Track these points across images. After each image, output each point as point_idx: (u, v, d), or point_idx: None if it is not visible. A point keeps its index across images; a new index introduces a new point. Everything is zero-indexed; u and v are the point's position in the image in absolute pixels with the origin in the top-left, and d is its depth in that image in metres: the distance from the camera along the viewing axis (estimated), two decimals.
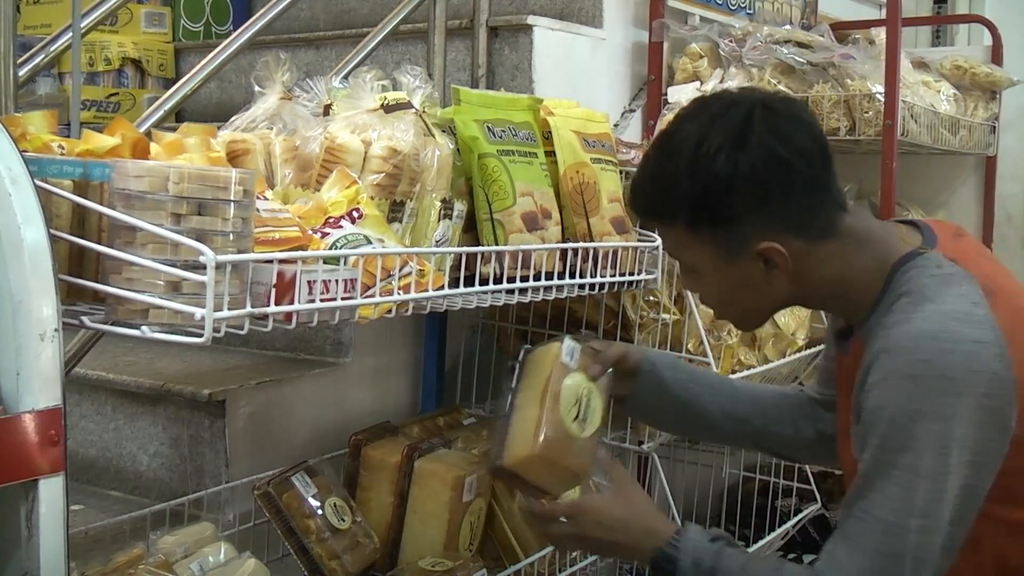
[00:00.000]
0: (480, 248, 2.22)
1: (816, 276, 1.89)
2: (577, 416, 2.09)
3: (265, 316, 1.67)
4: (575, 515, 2.02)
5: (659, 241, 2.69)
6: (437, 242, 2.10)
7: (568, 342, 2.17)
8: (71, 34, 2.65)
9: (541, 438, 2.01)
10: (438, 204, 2.11)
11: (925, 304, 1.76)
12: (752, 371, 3.04)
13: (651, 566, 1.96)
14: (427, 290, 1.98)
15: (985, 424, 1.71)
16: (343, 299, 1.78)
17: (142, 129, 2.31)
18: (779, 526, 3.65)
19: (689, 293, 2.88)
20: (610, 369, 2.21)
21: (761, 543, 3.55)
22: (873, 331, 1.82)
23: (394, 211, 2.06)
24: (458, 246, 2.18)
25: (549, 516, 2.04)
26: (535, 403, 2.07)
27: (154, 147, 1.85)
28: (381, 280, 1.87)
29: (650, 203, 1.97)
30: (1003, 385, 1.71)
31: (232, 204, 1.61)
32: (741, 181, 1.82)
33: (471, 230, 2.30)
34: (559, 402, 2.06)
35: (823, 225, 1.88)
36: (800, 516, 3.71)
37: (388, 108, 2.11)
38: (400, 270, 1.91)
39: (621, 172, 2.71)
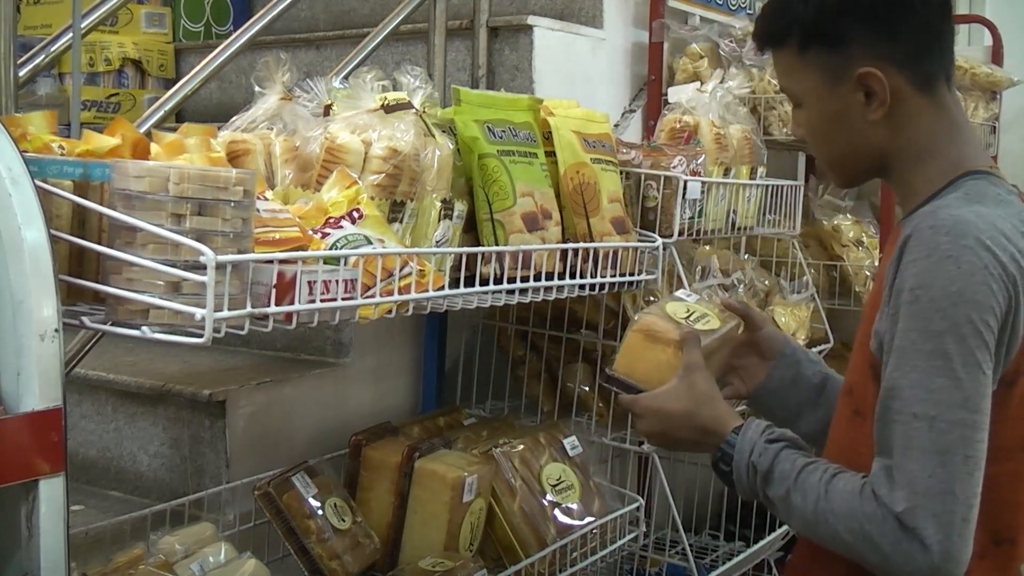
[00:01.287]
0: (480, 248, 2.22)
1: (911, 131, 1.86)
2: (687, 316, 2.11)
3: (265, 316, 1.67)
4: (642, 413, 2.02)
5: (659, 241, 2.69)
6: (437, 242, 2.10)
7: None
8: (71, 34, 2.65)
9: (639, 316, 2.08)
10: (438, 204, 2.11)
11: (978, 205, 1.73)
12: None
13: (712, 465, 1.97)
14: (427, 290, 1.98)
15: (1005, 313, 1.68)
16: (343, 299, 1.78)
17: (142, 129, 2.31)
18: (780, 526, 3.65)
19: None
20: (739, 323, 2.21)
21: (762, 543, 3.56)
22: (916, 220, 1.76)
23: (394, 211, 2.06)
24: (458, 246, 2.18)
25: (634, 412, 2.05)
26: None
27: (154, 147, 1.85)
28: (381, 280, 1.87)
29: (767, 24, 1.95)
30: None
31: (232, 204, 1.61)
32: (854, 2, 1.83)
33: (471, 230, 2.30)
34: (667, 302, 2.13)
35: (927, 74, 1.85)
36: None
37: (388, 108, 2.11)
38: (400, 270, 1.91)
39: (621, 172, 2.72)
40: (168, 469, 2.65)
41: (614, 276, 2.54)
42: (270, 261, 1.66)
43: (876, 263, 4.11)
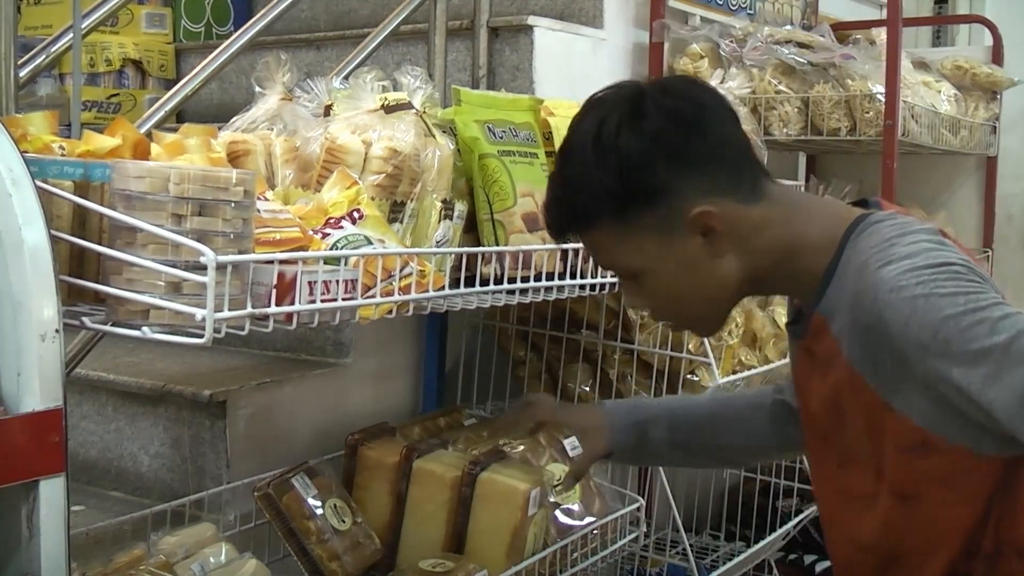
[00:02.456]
0: (481, 248, 2.22)
1: (758, 245, 1.78)
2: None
3: (266, 317, 1.67)
4: None
5: None
6: (438, 242, 2.10)
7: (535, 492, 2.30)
8: (72, 35, 2.65)
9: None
10: (439, 205, 2.11)
11: (894, 248, 1.64)
12: (753, 371, 3.04)
13: None
14: (428, 290, 1.98)
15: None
16: (344, 300, 1.78)
17: (143, 130, 2.31)
18: (780, 527, 3.65)
19: None
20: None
21: (762, 544, 3.56)
22: (840, 296, 1.70)
23: (395, 212, 2.06)
24: (459, 247, 2.18)
25: None
26: None
27: (155, 148, 1.85)
28: (382, 280, 1.87)
29: (565, 212, 1.83)
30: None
31: (233, 205, 1.61)
32: (651, 149, 1.72)
33: (472, 230, 2.30)
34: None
35: (750, 185, 1.78)
36: (801, 516, 3.71)
37: (389, 109, 2.11)
38: (401, 271, 1.91)
39: None
40: (169, 469, 2.65)
41: (615, 276, 2.54)
42: (271, 261, 1.66)
43: None
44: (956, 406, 1.61)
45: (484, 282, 2.19)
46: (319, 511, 2.25)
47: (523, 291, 2.29)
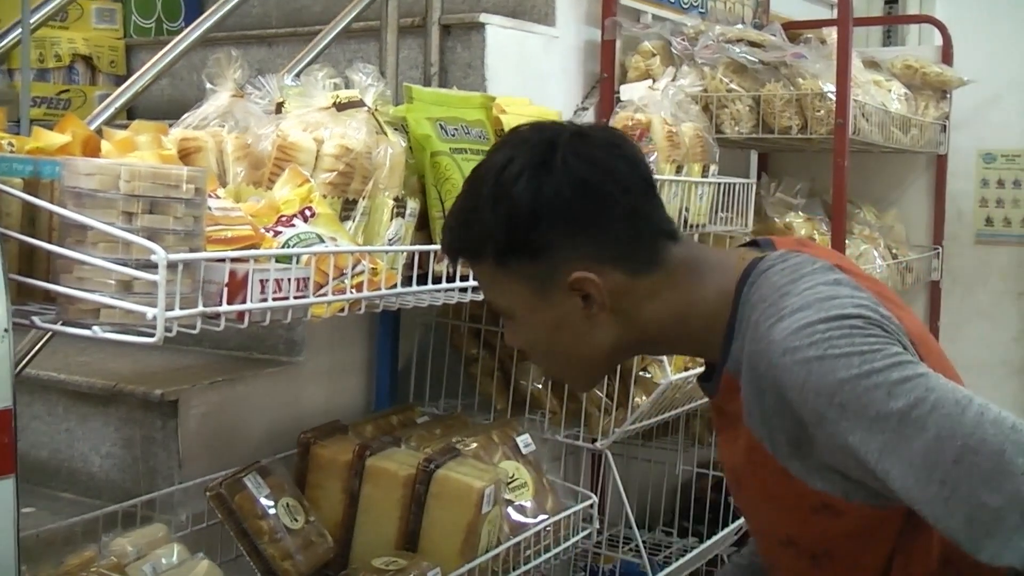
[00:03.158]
0: (433, 246, 2.22)
1: (644, 314, 1.75)
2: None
3: (217, 315, 1.66)
4: None
5: None
6: (390, 240, 2.10)
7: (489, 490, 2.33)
8: (20, 30, 2.63)
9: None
10: (391, 202, 2.11)
11: (786, 300, 1.58)
12: (703, 369, 3.04)
13: None
14: (380, 288, 1.98)
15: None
16: (296, 298, 1.78)
17: (93, 126, 2.30)
18: (732, 522, 3.67)
19: None
20: None
21: (714, 539, 3.57)
22: (744, 354, 1.65)
23: (347, 209, 2.06)
24: (411, 244, 2.18)
25: None
26: None
27: (105, 145, 1.84)
28: (334, 279, 1.86)
29: (456, 238, 1.80)
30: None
31: (184, 202, 1.60)
32: (544, 207, 1.68)
33: (424, 228, 2.30)
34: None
35: (645, 256, 1.74)
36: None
37: (340, 106, 2.11)
38: (353, 269, 1.90)
39: None
40: (120, 470, 2.63)
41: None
42: (222, 260, 1.65)
43: None
44: (854, 470, 1.55)
45: (436, 280, 2.19)
46: (271, 510, 2.25)
47: (475, 289, 2.29)
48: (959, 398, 1.45)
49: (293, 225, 1.85)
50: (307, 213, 1.88)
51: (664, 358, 2.88)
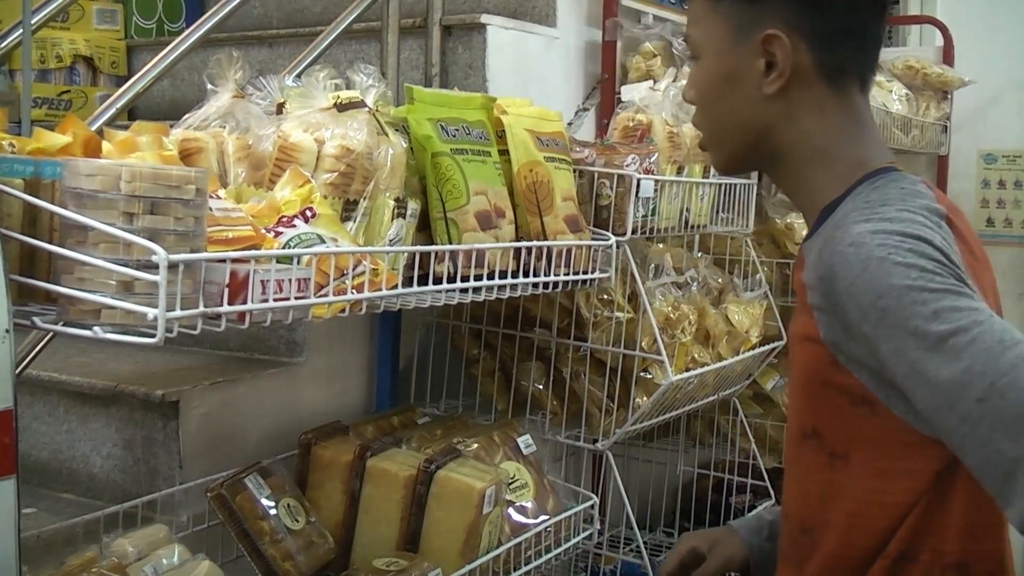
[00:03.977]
0: (434, 247, 2.22)
1: (803, 120, 1.75)
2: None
3: (218, 316, 1.66)
4: None
5: (613, 239, 2.70)
6: (391, 241, 2.10)
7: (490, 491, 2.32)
8: (21, 30, 2.63)
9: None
10: (391, 203, 2.10)
11: (884, 208, 1.61)
12: (706, 368, 3.05)
13: None
14: (381, 289, 1.98)
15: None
16: (296, 298, 1.78)
17: (94, 127, 2.30)
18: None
19: (644, 292, 2.89)
20: None
21: None
22: (821, 239, 1.66)
23: (347, 210, 2.06)
24: (412, 245, 2.18)
25: None
26: None
27: (106, 145, 1.83)
28: (335, 279, 1.86)
29: None
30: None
31: (185, 203, 1.60)
32: None
33: (425, 229, 2.30)
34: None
35: (839, 65, 1.74)
36: (754, 512, 3.72)
37: (341, 107, 2.10)
38: (353, 269, 1.90)
39: (575, 171, 2.72)
40: (121, 470, 2.63)
41: (568, 274, 2.55)
42: (223, 260, 1.65)
43: None
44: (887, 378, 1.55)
45: (437, 280, 2.19)
46: (272, 511, 2.25)
47: (476, 289, 2.29)
48: (1005, 338, 1.42)
49: (294, 226, 1.85)
50: (308, 214, 1.88)
51: (665, 359, 2.88)
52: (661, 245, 3.34)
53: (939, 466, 1.63)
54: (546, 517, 2.64)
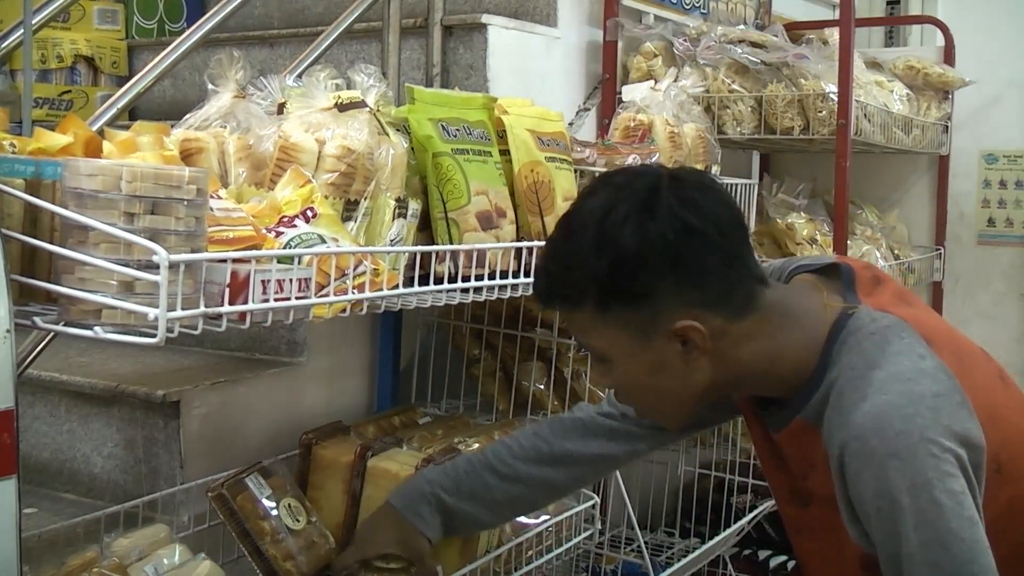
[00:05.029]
0: (435, 247, 2.22)
1: (739, 356, 1.78)
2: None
3: (219, 316, 1.66)
4: None
5: None
6: (391, 241, 2.10)
7: None
8: (22, 30, 2.63)
9: None
10: (392, 203, 2.10)
11: (873, 373, 1.67)
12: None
13: None
14: (381, 289, 1.98)
15: (969, 473, 1.63)
16: (297, 298, 1.77)
17: (95, 127, 2.30)
18: (734, 522, 3.67)
19: None
20: None
21: (716, 540, 3.57)
22: (825, 415, 1.72)
23: (348, 210, 2.06)
24: (412, 245, 2.18)
25: None
26: None
27: (107, 145, 1.83)
28: (335, 279, 1.86)
29: (554, 285, 1.81)
30: (971, 431, 1.64)
31: (185, 203, 1.60)
32: (652, 253, 1.69)
33: (425, 229, 2.30)
34: None
35: (742, 300, 1.76)
36: (755, 512, 3.73)
37: (342, 107, 2.10)
38: (354, 269, 1.90)
39: (576, 171, 2.72)
40: (122, 470, 2.63)
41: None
42: (224, 260, 1.65)
43: None
44: None
45: (438, 280, 2.19)
46: (273, 511, 2.25)
47: (477, 289, 2.29)
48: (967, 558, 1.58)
49: (295, 226, 1.85)
50: (309, 214, 1.88)
51: None
52: None
53: None
54: (547, 517, 2.64)
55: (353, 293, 1.91)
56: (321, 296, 1.84)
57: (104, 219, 1.55)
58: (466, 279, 2.24)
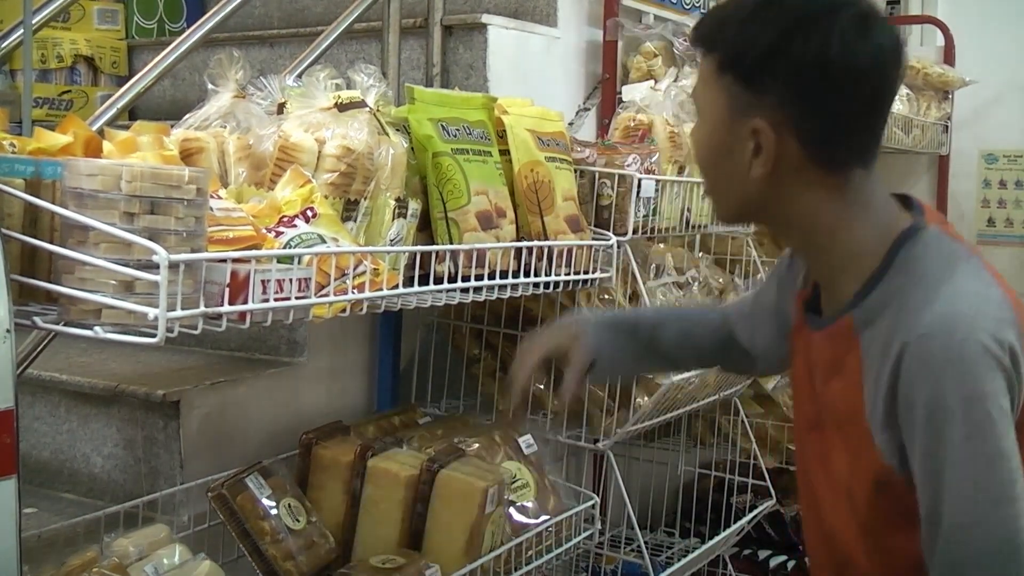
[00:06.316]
0: (434, 247, 2.22)
1: (797, 202, 1.76)
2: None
3: (219, 316, 1.66)
4: None
5: (614, 239, 2.70)
6: (391, 241, 2.10)
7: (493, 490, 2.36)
8: (22, 30, 2.63)
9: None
10: (392, 203, 2.10)
11: (943, 286, 1.65)
12: (706, 370, 3.04)
13: None
14: (381, 289, 1.98)
15: (1011, 398, 1.63)
16: (297, 298, 1.78)
17: (95, 127, 2.29)
18: (734, 522, 3.67)
19: (644, 292, 2.89)
20: None
21: (716, 540, 3.57)
22: (880, 313, 1.71)
23: (348, 210, 2.06)
24: (412, 245, 2.18)
25: None
26: None
27: (107, 145, 1.84)
28: (335, 279, 1.86)
29: (704, 27, 1.82)
30: (1018, 360, 1.63)
31: (185, 203, 1.60)
32: (793, 57, 1.68)
33: (425, 229, 2.30)
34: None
35: (834, 157, 1.74)
36: (755, 512, 3.73)
37: (342, 107, 2.10)
38: (354, 269, 1.90)
39: (576, 171, 2.72)
40: (122, 470, 2.63)
41: (568, 274, 2.55)
42: (223, 260, 1.65)
43: None
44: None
45: (438, 280, 2.19)
46: (273, 511, 2.25)
47: (477, 289, 2.29)
48: (1009, 493, 1.59)
49: (295, 226, 1.85)
50: (309, 214, 1.88)
51: None
52: (662, 245, 3.35)
53: None
54: (547, 517, 2.64)
55: (353, 293, 1.91)
56: (321, 296, 1.84)
57: (104, 219, 1.55)
58: (466, 279, 2.25)
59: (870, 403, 1.70)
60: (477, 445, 2.61)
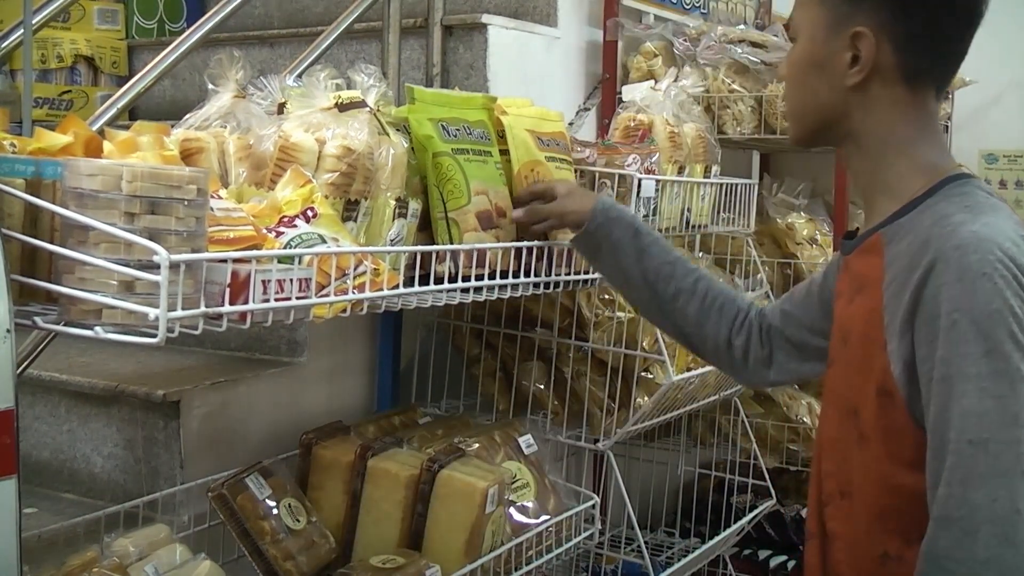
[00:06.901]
0: (435, 247, 2.22)
1: (877, 114, 1.86)
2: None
3: (219, 316, 1.66)
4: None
5: None
6: (392, 241, 2.10)
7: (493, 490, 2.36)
8: (23, 31, 2.63)
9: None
10: (392, 203, 2.10)
11: (985, 215, 1.70)
12: (707, 368, 3.04)
13: None
14: (382, 289, 1.98)
15: None
16: (298, 298, 1.77)
17: (95, 127, 2.30)
18: (734, 522, 3.67)
19: None
20: None
21: (716, 540, 3.57)
22: (912, 230, 1.75)
23: (348, 210, 2.06)
24: (413, 245, 2.18)
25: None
26: None
27: (107, 145, 1.83)
28: (336, 279, 1.86)
29: None
30: None
31: (186, 203, 1.60)
32: None
33: (426, 229, 2.30)
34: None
35: (919, 70, 1.84)
36: (755, 512, 3.73)
37: (342, 107, 2.10)
38: (355, 269, 1.90)
39: (576, 171, 2.72)
40: (122, 470, 2.63)
41: (568, 274, 2.55)
42: (224, 260, 1.65)
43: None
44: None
45: (438, 280, 2.19)
46: (274, 511, 2.25)
47: (477, 289, 2.29)
48: (1017, 458, 1.58)
49: (295, 226, 1.85)
50: (309, 214, 1.88)
51: (666, 359, 2.88)
52: None
53: None
54: (547, 517, 2.64)
55: (353, 293, 1.91)
56: (321, 296, 1.84)
57: (104, 219, 1.55)
58: (466, 279, 2.24)
59: (889, 314, 1.73)
60: (477, 445, 2.61)
